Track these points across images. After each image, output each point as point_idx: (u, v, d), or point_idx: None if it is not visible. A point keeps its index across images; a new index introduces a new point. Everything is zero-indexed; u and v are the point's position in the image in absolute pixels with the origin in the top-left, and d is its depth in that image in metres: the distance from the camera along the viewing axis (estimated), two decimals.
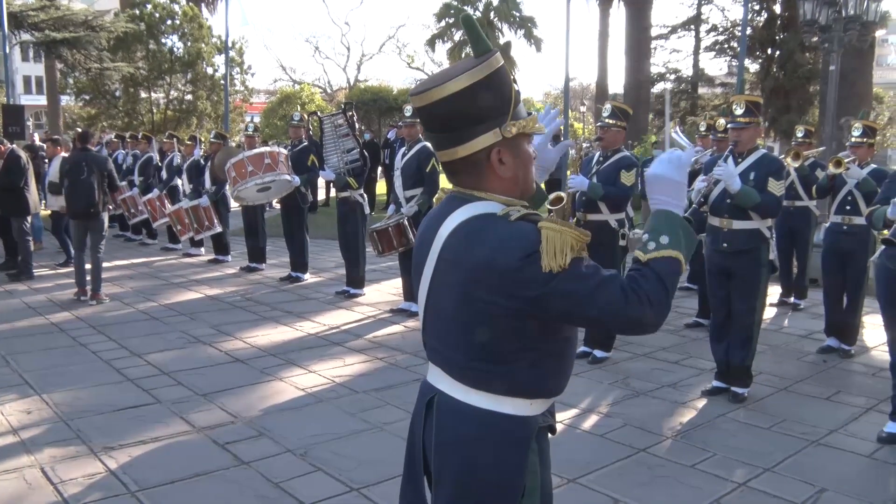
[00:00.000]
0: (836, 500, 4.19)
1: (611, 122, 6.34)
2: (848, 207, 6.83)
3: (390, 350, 6.97)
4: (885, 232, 4.77)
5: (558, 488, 4.10)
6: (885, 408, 5.31)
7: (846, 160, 6.74)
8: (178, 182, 12.99)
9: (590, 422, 5.30)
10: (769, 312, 8.69)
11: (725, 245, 5.60)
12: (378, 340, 7.33)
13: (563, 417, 5.24)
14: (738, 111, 5.55)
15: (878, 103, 28.13)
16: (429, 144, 8.06)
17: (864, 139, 6.84)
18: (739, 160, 5.60)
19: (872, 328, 7.60)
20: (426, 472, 2.09)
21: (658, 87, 30.68)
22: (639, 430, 5.14)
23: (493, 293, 1.86)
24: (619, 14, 27.47)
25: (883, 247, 4.89)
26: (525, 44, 36.74)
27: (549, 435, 2.16)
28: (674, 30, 30.27)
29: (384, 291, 9.74)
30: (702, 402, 5.72)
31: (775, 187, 5.43)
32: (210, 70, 31.39)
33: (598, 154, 6.51)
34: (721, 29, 29.19)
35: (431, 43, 37.98)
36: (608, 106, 6.47)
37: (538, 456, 2.06)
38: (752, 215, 5.50)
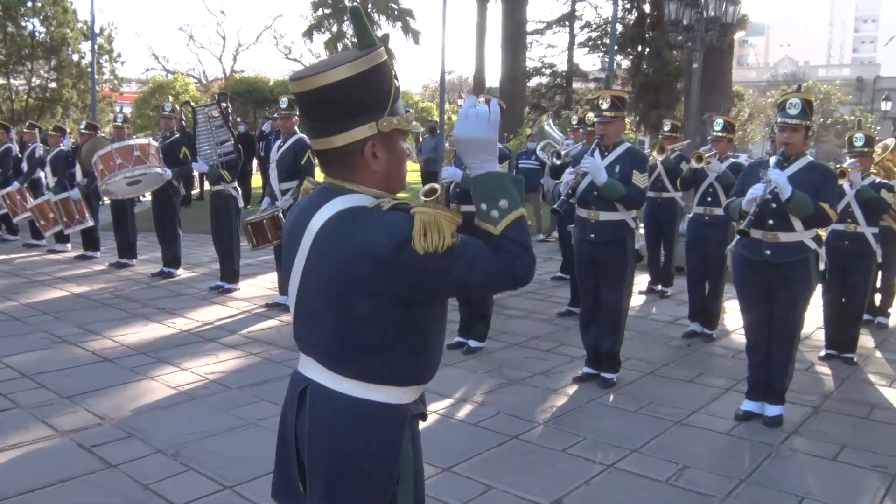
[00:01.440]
0: (697, 476, 4.40)
1: None
2: (709, 199, 7.16)
3: (265, 345, 6.88)
4: (741, 222, 5.05)
5: (432, 477, 4.16)
6: (742, 387, 5.60)
7: (706, 155, 7.06)
8: (41, 175, 12.31)
9: (464, 411, 5.38)
10: (638, 300, 9.04)
11: (593, 236, 5.78)
12: (253, 335, 7.23)
13: (437, 407, 5.30)
14: (604, 106, 5.72)
15: (739, 100, 29.56)
16: (304, 137, 7.99)
17: (725, 134, 7.19)
18: (606, 153, 5.77)
19: (732, 313, 7.98)
20: (299, 463, 2.09)
21: (534, 81, 31.29)
22: (512, 417, 5.25)
23: (368, 282, 1.89)
24: (496, 8, 27.84)
25: (738, 236, 5.17)
26: (403, 36, 36.79)
27: (421, 423, 2.20)
28: (549, 25, 30.89)
29: (259, 286, 9.60)
30: (573, 389, 5.89)
31: (639, 179, 5.64)
32: (76, 57, 30.06)
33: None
34: (594, 26, 30.00)
35: (309, 34, 37.48)
36: (480, 100, 6.54)
37: (411, 443, 2.10)
38: (618, 207, 5.70)
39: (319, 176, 2.18)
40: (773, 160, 5.09)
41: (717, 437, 5.06)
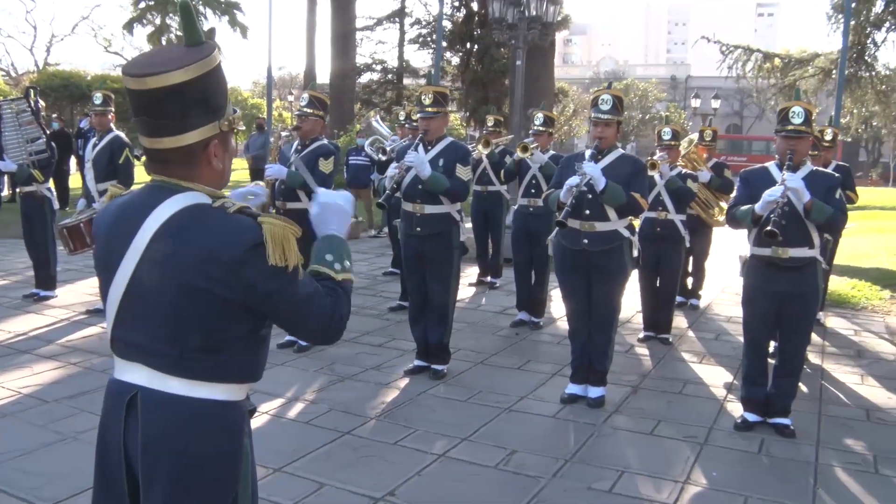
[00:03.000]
0: (525, 459, 4.56)
1: (308, 111, 6.37)
2: (533, 191, 7.40)
3: (86, 354, 6.53)
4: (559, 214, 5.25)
5: (263, 479, 4.09)
6: (567, 372, 5.81)
7: (531, 146, 7.29)
8: None
9: (295, 410, 5.32)
10: (467, 292, 9.24)
11: (419, 229, 5.85)
12: (72, 345, 6.85)
13: (268, 408, 5.22)
14: (427, 101, 5.80)
15: (564, 96, 30.69)
16: (121, 135, 7.65)
17: (545, 128, 7.45)
18: (430, 148, 5.85)
19: (558, 301, 8.29)
20: (129, 476, 2.00)
21: (365, 78, 31.31)
22: (344, 413, 5.24)
23: (215, 284, 1.88)
24: (326, 3, 27.58)
25: (557, 227, 5.37)
26: (230, 30, 35.88)
27: (252, 424, 2.20)
28: (379, 22, 31.01)
29: (79, 292, 9.10)
30: (404, 382, 5.95)
31: (463, 173, 5.76)
32: None
33: (296, 143, 6.52)
34: (424, 23, 30.37)
35: (129, 26, 35.89)
36: (305, 95, 6.50)
37: (250, 439, 2.11)
38: (442, 200, 5.79)
39: (140, 176, 2.13)
40: (588, 153, 5.32)
41: (544, 421, 5.25)
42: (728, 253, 8.73)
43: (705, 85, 41.60)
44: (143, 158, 2.07)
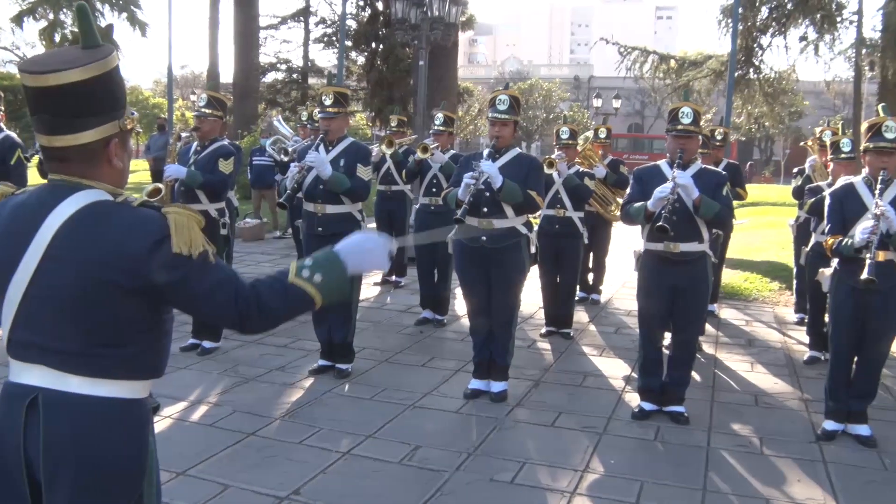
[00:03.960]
0: (429, 454, 4.63)
1: (207, 111, 6.29)
2: (434, 190, 7.48)
3: None
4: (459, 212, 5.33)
5: (166, 483, 4.03)
6: (470, 368, 5.90)
7: (431, 146, 7.37)
8: None
9: (199, 413, 5.26)
10: (373, 291, 9.28)
11: (320, 229, 5.85)
12: None
13: (171, 411, 5.15)
14: (328, 102, 5.81)
15: (469, 96, 30.96)
16: (12, 134, 7.37)
17: (445, 128, 7.53)
18: (330, 148, 5.86)
19: (461, 298, 8.38)
20: (30, 480, 1.96)
21: (270, 77, 30.96)
22: (248, 414, 5.20)
23: (122, 276, 1.89)
24: (229, 1, 27.12)
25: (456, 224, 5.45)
26: (129, 27, 34.84)
27: (155, 428, 2.20)
28: (284, 20, 30.71)
29: None
30: (309, 381, 5.94)
31: (363, 172, 5.79)
32: None
33: (195, 143, 6.44)
34: (329, 22, 30.18)
35: (18, 20, 34.45)
36: (204, 96, 6.42)
37: (154, 437, 2.11)
38: (344, 200, 5.81)
39: (33, 178, 2.12)
40: (485, 152, 5.42)
41: (448, 416, 5.33)
42: (628, 248, 9.00)
43: (607, 85, 42.59)
44: (36, 159, 2.07)
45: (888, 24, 12.75)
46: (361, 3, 27.24)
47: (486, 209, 5.39)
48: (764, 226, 15.15)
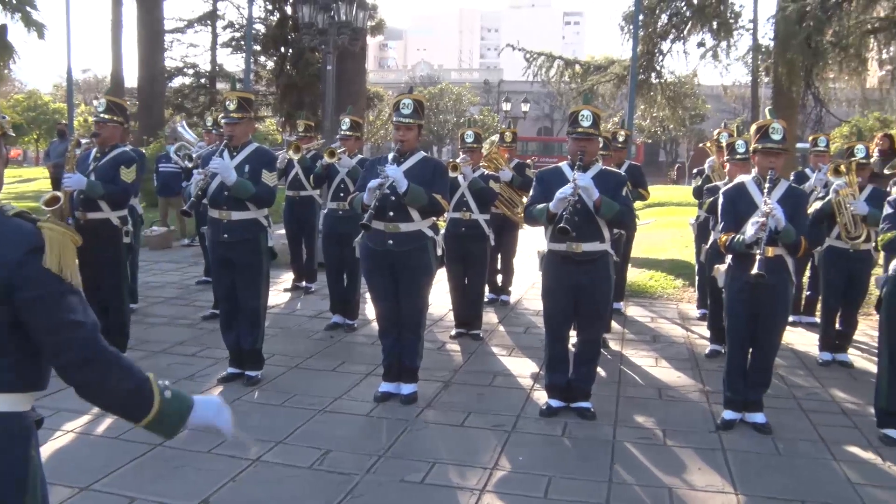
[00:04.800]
0: (339, 458, 4.63)
1: (106, 117, 6.16)
2: (341, 194, 7.45)
3: None
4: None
5: (69, 499, 3.96)
6: (381, 371, 5.90)
7: (338, 150, 7.37)
8: None
9: (103, 426, 5.12)
10: (283, 297, 9.21)
11: (226, 236, 5.78)
12: None
13: (74, 426, 5.00)
14: (232, 107, 5.75)
15: (380, 101, 30.95)
16: None
17: (352, 132, 7.53)
18: (235, 153, 5.81)
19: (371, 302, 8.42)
20: None
21: (177, 82, 30.35)
22: None
23: None
24: (132, 3, 26.39)
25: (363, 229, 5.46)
26: (24, 29, 33.60)
27: (57, 443, 2.15)
28: (190, 24, 30.16)
29: None
30: (218, 390, 5.86)
31: (269, 178, 5.75)
32: None
33: (94, 150, 6.29)
34: (237, 26, 29.76)
35: None
36: (103, 101, 6.28)
37: (38, 450, 2.06)
38: (249, 206, 5.76)
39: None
40: (390, 156, 5.46)
41: (358, 420, 5.35)
42: (536, 249, 9.16)
43: (517, 89, 43.11)
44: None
45: (779, 32, 13.31)
46: (270, 7, 26.96)
47: (391, 213, 5.43)
48: (668, 225, 15.58)
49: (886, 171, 7.65)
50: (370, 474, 4.44)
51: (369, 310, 8.36)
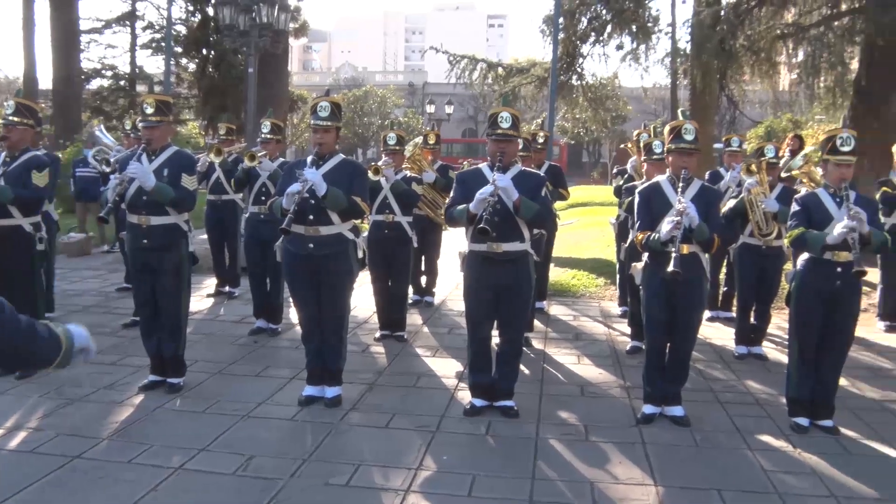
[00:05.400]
0: (263, 463, 4.61)
1: (15, 119, 6.00)
2: (263, 198, 7.37)
3: None
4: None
5: None
6: (305, 375, 5.89)
7: (259, 154, 7.31)
8: None
9: (17, 440, 4.98)
10: (206, 303, 9.08)
11: (146, 241, 5.68)
12: None
13: None
14: (149, 111, 5.66)
15: (304, 104, 30.69)
16: None
17: (273, 136, 7.46)
18: (153, 157, 5.71)
19: None
20: None
21: (95, 84, 29.60)
22: (73, 437, 4.98)
23: None
24: (45, 1, 25.57)
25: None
26: None
27: None
28: (108, 24, 29.42)
29: None
30: (139, 398, 5.76)
31: (188, 182, 5.67)
32: None
33: (3, 154, 6.11)
34: (157, 27, 29.15)
35: None
36: (11, 103, 6.11)
37: None
38: (169, 211, 5.68)
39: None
40: (309, 159, 5.44)
41: (282, 424, 5.32)
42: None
43: (442, 91, 43.16)
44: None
45: (694, 36, 13.68)
46: (191, 8, 26.47)
47: (311, 217, 5.42)
48: (591, 225, 15.85)
49: (783, 175, 7.94)
50: (294, 478, 4.43)
51: (293, 314, 8.32)
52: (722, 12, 13.35)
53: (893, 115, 12.33)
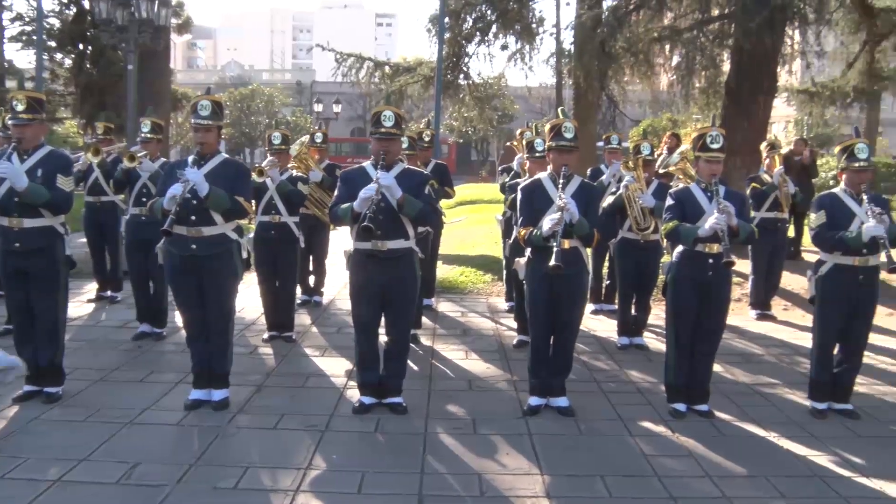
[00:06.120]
0: (148, 470, 4.51)
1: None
2: (144, 199, 7.12)
3: None
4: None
5: None
6: (191, 379, 5.76)
7: (139, 154, 7.11)
8: None
9: None
10: (86, 308, 8.79)
11: (18, 245, 5.45)
12: None
13: None
14: (20, 108, 5.41)
15: (188, 102, 29.95)
16: None
17: (153, 135, 7.27)
18: (25, 157, 5.48)
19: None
20: None
21: None
22: None
23: None
24: None
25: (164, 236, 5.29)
26: None
27: None
28: None
29: None
30: (13, 410, 5.50)
31: (64, 183, 5.46)
32: None
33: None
34: (28, 19, 27.87)
35: None
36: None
37: None
38: (43, 213, 5.47)
39: None
40: (190, 159, 5.35)
41: (168, 430, 5.21)
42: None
43: (330, 90, 42.72)
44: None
45: (577, 38, 14.04)
46: (65, 1, 25.41)
47: (194, 217, 5.32)
48: (479, 222, 16.05)
49: (660, 171, 8.28)
50: (181, 484, 4.36)
51: (178, 317, 8.15)
52: (602, 16, 13.74)
53: (761, 116, 12.99)
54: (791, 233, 10.86)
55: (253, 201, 6.65)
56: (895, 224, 5.58)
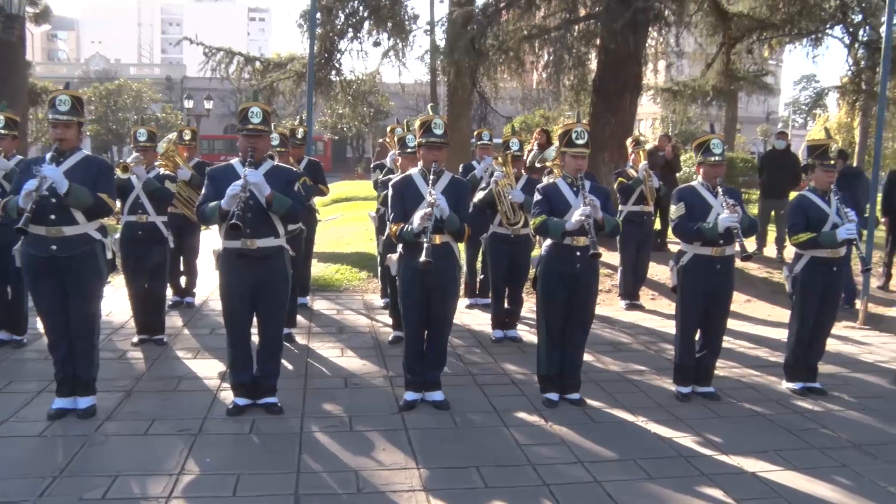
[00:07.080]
0: (6, 486, 4.29)
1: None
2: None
3: None
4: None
5: None
6: (54, 387, 5.51)
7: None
8: None
9: None
10: None
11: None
12: None
13: None
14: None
15: (49, 96, 28.61)
16: None
17: (7, 131, 6.90)
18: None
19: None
20: None
21: None
22: None
23: None
24: None
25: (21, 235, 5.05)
26: None
27: None
28: None
29: None
30: None
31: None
32: None
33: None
34: None
35: None
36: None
37: None
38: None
39: None
40: (48, 156, 5.11)
41: (29, 441, 4.98)
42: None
43: (201, 86, 41.57)
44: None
45: (448, 35, 14.16)
46: None
47: (53, 216, 5.09)
48: (354, 219, 16.01)
49: (537, 165, 8.49)
50: (44, 498, 4.19)
51: (40, 323, 7.79)
52: (474, 13, 13.90)
53: (628, 112, 13.46)
54: (657, 225, 11.31)
55: (118, 200, 6.47)
56: (748, 215, 5.92)
